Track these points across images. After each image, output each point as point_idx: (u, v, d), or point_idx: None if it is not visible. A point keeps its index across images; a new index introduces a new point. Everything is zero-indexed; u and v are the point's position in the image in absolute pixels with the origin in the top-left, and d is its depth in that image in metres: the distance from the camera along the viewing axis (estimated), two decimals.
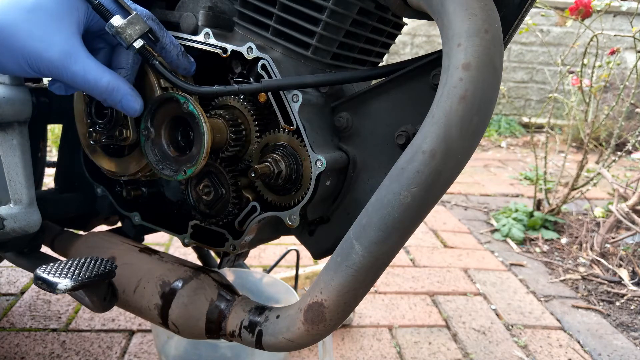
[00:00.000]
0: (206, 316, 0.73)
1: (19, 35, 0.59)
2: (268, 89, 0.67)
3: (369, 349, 1.39)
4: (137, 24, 0.64)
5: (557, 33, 5.34)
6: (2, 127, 0.80)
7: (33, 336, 1.33)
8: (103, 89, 0.64)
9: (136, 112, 0.68)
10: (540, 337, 1.54)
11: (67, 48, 0.61)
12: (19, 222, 0.82)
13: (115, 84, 0.65)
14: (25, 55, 0.60)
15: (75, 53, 0.62)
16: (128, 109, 0.67)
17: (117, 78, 0.65)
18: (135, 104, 0.67)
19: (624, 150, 2.29)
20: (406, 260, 2.03)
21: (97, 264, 0.67)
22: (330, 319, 0.60)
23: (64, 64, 0.61)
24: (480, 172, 3.77)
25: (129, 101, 0.67)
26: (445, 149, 0.52)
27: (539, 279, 1.97)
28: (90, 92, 0.65)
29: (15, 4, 0.60)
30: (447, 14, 0.54)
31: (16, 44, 0.60)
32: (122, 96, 0.66)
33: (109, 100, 0.66)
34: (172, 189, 0.92)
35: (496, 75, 0.53)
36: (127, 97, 0.66)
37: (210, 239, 0.79)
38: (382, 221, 0.55)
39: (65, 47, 0.61)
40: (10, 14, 0.59)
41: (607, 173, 2.33)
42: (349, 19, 0.70)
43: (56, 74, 0.62)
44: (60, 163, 1.02)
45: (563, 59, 2.49)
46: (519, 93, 5.58)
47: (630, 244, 2.15)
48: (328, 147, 0.71)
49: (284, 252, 1.40)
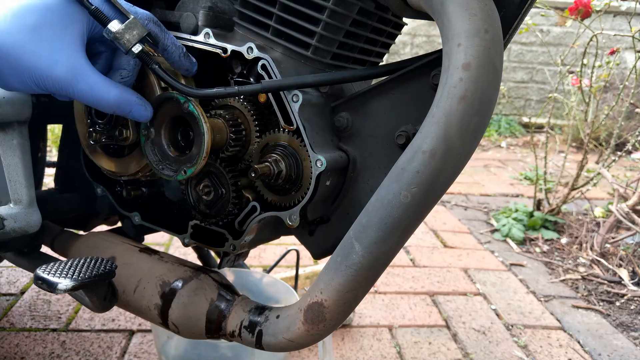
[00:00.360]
0: (206, 316, 0.73)
1: (24, 56, 0.60)
2: (268, 89, 0.67)
3: (369, 349, 1.39)
4: (135, 28, 0.63)
5: (557, 33, 5.34)
6: (2, 127, 0.80)
7: (33, 336, 1.33)
8: (112, 103, 0.65)
9: (147, 119, 0.70)
10: (540, 337, 1.54)
11: (72, 66, 0.62)
12: (19, 222, 0.82)
13: (123, 97, 0.65)
14: (32, 75, 0.61)
15: (80, 70, 0.62)
16: (139, 117, 0.68)
17: (124, 90, 0.66)
18: (145, 112, 0.68)
19: (624, 150, 2.29)
20: (406, 260, 2.03)
21: (97, 264, 0.67)
22: (330, 319, 0.60)
23: (70, 82, 0.62)
24: (480, 172, 3.77)
25: (139, 110, 0.68)
26: (445, 149, 0.52)
27: (539, 279, 1.97)
28: (98, 108, 0.66)
29: (19, 23, 0.60)
30: (447, 14, 0.54)
31: (22, 65, 0.60)
32: (131, 107, 0.67)
33: (119, 112, 0.67)
34: (172, 189, 0.92)
35: (496, 75, 0.53)
36: (137, 107, 0.67)
37: (210, 239, 0.79)
38: (382, 221, 0.55)
39: (70, 65, 0.61)
40: (14, 35, 0.59)
41: (607, 173, 2.34)
42: (349, 19, 0.70)
43: (63, 92, 0.63)
44: (60, 163, 1.02)
45: (563, 59, 2.49)
46: (519, 93, 5.58)
47: (630, 244, 2.15)
48: (328, 147, 0.71)
49: (284, 252, 1.40)
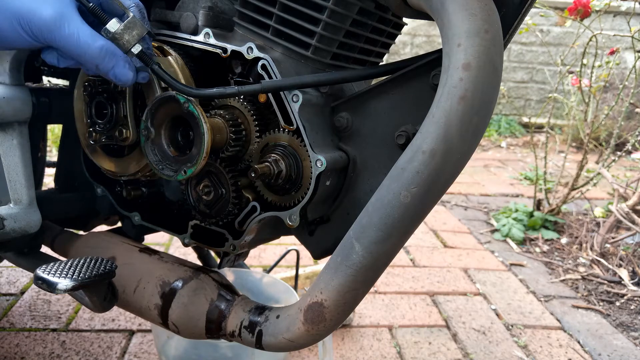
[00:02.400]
0: (206, 316, 0.73)
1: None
2: (268, 89, 0.67)
3: (369, 349, 1.39)
4: (134, 28, 0.63)
5: (556, 33, 5.34)
6: (2, 127, 0.80)
7: (33, 336, 1.33)
8: (96, 53, 0.62)
9: (129, 81, 0.66)
10: (540, 337, 1.54)
11: (61, 10, 0.60)
12: (19, 222, 0.82)
13: (108, 49, 0.63)
14: (18, 15, 0.60)
15: (68, 15, 0.61)
16: (121, 76, 0.65)
17: (111, 45, 0.63)
18: (128, 72, 0.65)
19: (624, 150, 2.29)
20: (406, 260, 2.03)
21: (97, 264, 0.67)
22: (330, 319, 0.60)
23: (57, 25, 0.60)
24: (480, 172, 3.77)
25: (122, 68, 0.65)
26: (445, 149, 0.52)
27: (539, 279, 1.97)
28: (82, 58, 0.63)
29: None
30: (447, 14, 0.54)
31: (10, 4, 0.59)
32: (115, 62, 0.64)
33: (101, 67, 0.64)
34: (172, 189, 0.92)
35: (496, 75, 0.53)
36: (121, 64, 0.64)
37: (210, 239, 0.79)
38: (382, 221, 0.55)
39: (59, 8, 0.60)
40: None
41: (607, 173, 2.34)
42: (349, 19, 0.70)
43: (49, 37, 0.61)
44: (60, 163, 1.02)
45: (563, 59, 2.49)
46: (519, 93, 5.57)
47: (630, 244, 2.15)
48: (328, 147, 0.71)
49: (284, 252, 1.40)
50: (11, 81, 0.80)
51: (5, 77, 0.80)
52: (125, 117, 0.75)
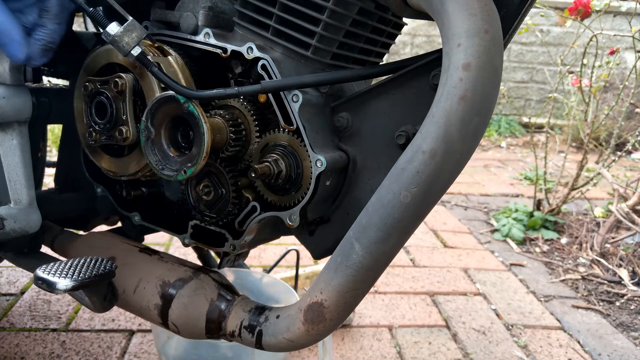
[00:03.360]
0: (206, 316, 0.73)
1: None
2: (268, 90, 0.67)
3: (369, 349, 1.39)
4: (134, 30, 0.64)
5: (557, 33, 5.34)
6: (2, 127, 0.80)
7: (33, 336, 1.33)
8: None
9: (19, 60, 0.67)
10: (540, 337, 1.54)
11: None
12: (19, 222, 0.82)
13: (6, 26, 0.62)
14: None
15: None
16: (10, 55, 0.66)
17: (12, 23, 0.63)
18: (19, 52, 0.65)
19: (624, 150, 2.29)
20: (406, 260, 2.03)
21: (97, 264, 0.67)
22: (330, 319, 0.60)
23: None
24: (480, 172, 3.77)
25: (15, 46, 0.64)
26: (445, 149, 0.52)
27: (539, 279, 1.97)
28: None
29: None
30: (447, 14, 0.54)
31: None
32: (9, 41, 0.64)
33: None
34: (172, 189, 0.92)
35: (496, 76, 0.53)
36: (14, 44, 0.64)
37: (210, 239, 0.79)
38: (382, 221, 0.55)
39: None
40: None
41: (607, 173, 2.33)
42: (349, 19, 0.70)
43: None
44: (60, 163, 1.02)
45: (563, 59, 2.49)
46: (519, 93, 5.57)
47: (630, 244, 2.15)
48: (328, 147, 0.71)
49: (284, 252, 1.40)
50: (11, 81, 0.80)
51: (5, 77, 0.80)
52: (125, 117, 0.75)
